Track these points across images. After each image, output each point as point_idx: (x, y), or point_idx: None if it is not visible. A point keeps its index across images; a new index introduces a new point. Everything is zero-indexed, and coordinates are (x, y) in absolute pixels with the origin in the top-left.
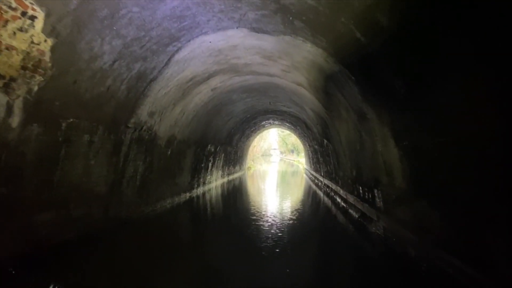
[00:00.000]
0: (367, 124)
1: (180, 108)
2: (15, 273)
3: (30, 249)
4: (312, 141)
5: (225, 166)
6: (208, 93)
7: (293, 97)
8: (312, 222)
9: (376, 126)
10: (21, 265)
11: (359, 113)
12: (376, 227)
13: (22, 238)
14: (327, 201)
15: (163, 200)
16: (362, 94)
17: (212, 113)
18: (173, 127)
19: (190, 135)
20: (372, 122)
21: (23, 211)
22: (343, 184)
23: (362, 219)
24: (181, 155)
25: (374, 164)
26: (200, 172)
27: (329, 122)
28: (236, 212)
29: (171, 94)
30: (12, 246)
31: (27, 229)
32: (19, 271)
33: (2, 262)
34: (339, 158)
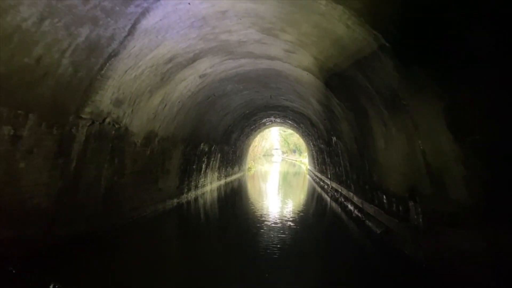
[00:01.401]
0: (401, 113)
1: (159, 98)
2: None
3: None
4: (318, 139)
5: (222, 167)
6: (196, 81)
7: (297, 87)
8: (321, 237)
9: (419, 115)
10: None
11: (390, 99)
12: (412, 252)
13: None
14: (336, 208)
15: (141, 209)
16: (401, 69)
17: (203, 106)
18: (152, 121)
19: (176, 132)
20: (411, 110)
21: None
22: (357, 190)
23: (386, 236)
24: (165, 155)
25: (408, 167)
26: (191, 174)
27: (341, 115)
28: (229, 222)
29: (145, 78)
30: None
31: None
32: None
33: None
34: (352, 159)
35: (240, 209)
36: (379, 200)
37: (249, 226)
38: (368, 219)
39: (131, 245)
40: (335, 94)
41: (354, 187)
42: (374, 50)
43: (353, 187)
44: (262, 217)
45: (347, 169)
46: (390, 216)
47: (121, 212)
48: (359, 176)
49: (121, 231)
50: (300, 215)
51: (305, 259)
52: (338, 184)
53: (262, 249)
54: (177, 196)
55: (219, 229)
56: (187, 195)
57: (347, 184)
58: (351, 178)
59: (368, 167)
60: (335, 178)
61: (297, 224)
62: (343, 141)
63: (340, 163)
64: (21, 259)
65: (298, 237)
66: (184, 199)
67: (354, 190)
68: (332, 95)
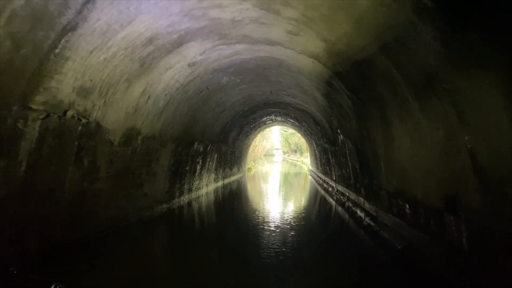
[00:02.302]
0: (439, 101)
1: (140, 89)
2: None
3: None
4: (321, 138)
5: (220, 168)
6: (185, 70)
7: (300, 80)
8: (329, 248)
9: (467, 102)
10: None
11: (424, 83)
12: (452, 278)
13: None
14: (343, 214)
15: (122, 218)
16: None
17: (196, 101)
18: (132, 116)
19: (164, 130)
20: (456, 96)
21: None
22: (370, 195)
23: (410, 254)
24: (152, 155)
25: (446, 170)
26: (184, 176)
27: (351, 110)
28: (224, 231)
29: (119, 63)
30: None
31: None
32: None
33: None
34: (363, 160)
35: (237, 216)
36: (400, 209)
37: (246, 235)
38: (384, 230)
39: (97, 263)
40: (345, 84)
41: (365, 191)
42: (408, 16)
43: (363, 192)
44: (261, 224)
45: (356, 171)
46: (415, 229)
47: (95, 223)
48: (372, 180)
49: (92, 245)
50: (304, 222)
51: (312, 279)
52: (344, 187)
53: (260, 263)
54: (167, 201)
55: (212, 238)
56: (179, 200)
57: (356, 188)
58: (361, 182)
59: (384, 170)
60: (341, 181)
61: (301, 233)
62: (352, 140)
63: (347, 165)
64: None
65: (303, 251)
66: (176, 204)
67: (365, 195)
68: (342, 85)
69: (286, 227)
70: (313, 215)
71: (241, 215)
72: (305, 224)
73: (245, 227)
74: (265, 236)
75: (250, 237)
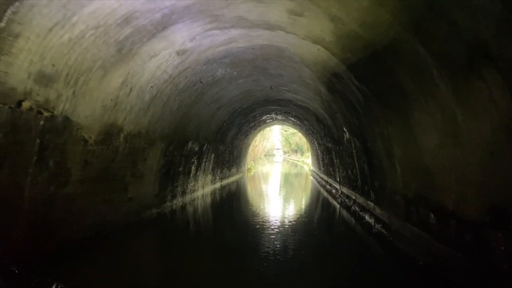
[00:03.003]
0: (486, 84)
1: (120, 79)
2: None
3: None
4: (324, 137)
5: (217, 168)
6: (173, 59)
7: (303, 72)
8: (337, 260)
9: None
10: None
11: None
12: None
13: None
14: (349, 219)
15: (101, 226)
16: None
17: (188, 96)
18: (111, 110)
19: (152, 127)
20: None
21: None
22: (381, 200)
23: (436, 271)
24: (138, 155)
25: (492, 175)
26: (177, 178)
27: (361, 104)
28: (220, 237)
29: (90, 45)
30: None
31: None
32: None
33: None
34: (373, 160)
35: (234, 221)
36: (421, 219)
37: (243, 243)
38: (399, 240)
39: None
40: (355, 73)
41: (375, 196)
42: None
43: (373, 196)
44: (260, 230)
45: (365, 172)
46: (443, 244)
47: (66, 233)
48: (384, 183)
49: (59, 260)
50: (307, 227)
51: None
52: (350, 190)
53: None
54: (157, 206)
55: (204, 247)
56: (171, 203)
57: (365, 191)
58: (370, 185)
59: (400, 172)
60: (347, 183)
61: (304, 240)
62: (360, 138)
63: (354, 165)
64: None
65: (307, 261)
66: (168, 208)
67: (375, 200)
68: (351, 75)
69: (288, 233)
70: (316, 220)
71: (238, 221)
72: (308, 229)
73: (242, 234)
74: (264, 244)
75: (248, 246)
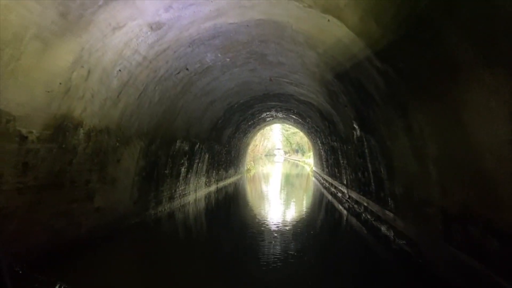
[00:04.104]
0: None
1: (70, 56)
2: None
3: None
4: (329, 136)
5: (212, 170)
6: (146, 35)
7: (308, 57)
8: None
9: None
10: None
11: None
12: None
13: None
14: (360, 229)
15: (56, 244)
16: None
17: (172, 85)
18: (61, 97)
19: (126, 121)
20: None
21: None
22: (405, 212)
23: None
24: (107, 156)
25: None
26: (162, 182)
27: (381, 93)
28: (211, 254)
29: (10, 3)
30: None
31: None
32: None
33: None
34: (393, 161)
35: (228, 232)
36: (474, 243)
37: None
38: (434, 265)
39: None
40: (378, 49)
41: (395, 204)
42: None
43: (392, 204)
44: (258, 245)
45: (380, 175)
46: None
47: None
48: (410, 191)
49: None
50: (313, 240)
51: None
52: (361, 195)
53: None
54: (138, 214)
55: (191, 265)
56: (155, 211)
57: (380, 197)
58: (389, 190)
59: (436, 177)
60: (356, 186)
61: (308, 257)
62: (377, 135)
63: (366, 167)
64: None
65: None
66: (151, 217)
67: (395, 210)
68: (371, 54)
69: (288, 247)
70: (322, 229)
71: (233, 230)
72: (314, 242)
73: (237, 247)
74: (262, 263)
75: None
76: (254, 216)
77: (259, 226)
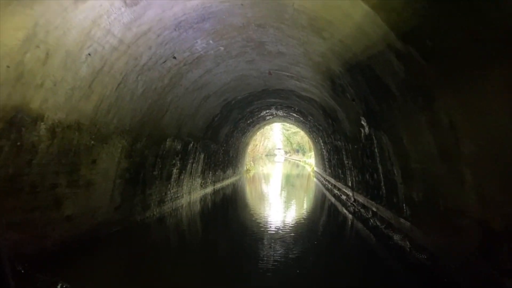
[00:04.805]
0: None
1: (20, 33)
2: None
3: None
4: (332, 134)
5: (208, 170)
6: (119, 12)
7: (311, 43)
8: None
9: None
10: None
11: None
12: None
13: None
14: (368, 236)
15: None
16: None
17: (158, 76)
18: (12, 84)
19: (102, 116)
20: None
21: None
22: (426, 222)
23: None
24: (78, 156)
25: None
26: (150, 184)
27: (400, 82)
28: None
29: None
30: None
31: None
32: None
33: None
34: (411, 162)
35: (222, 236)
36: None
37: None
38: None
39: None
40: (399, 31)
41: (413, 212)
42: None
43: (408, 212)
44: (256, 252)
45: (394, 179)
46: None
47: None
48: (433, 198)
49: None
50: (318, 249)
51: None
52: (369, 199)
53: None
54: (120, 221)
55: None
56: (142, 217)
57: (393, 203)
58: (404, 196)
59: (475, 183)
60: (363, 189)
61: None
62: (392, 132)
63: (375, 168)
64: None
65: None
66: (137, 223)
67: (412, 218)
68: (391, 32)
69: (289, 257)
70: (326, 234)
71: (228, 238)
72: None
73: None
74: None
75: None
76: (252, 220)
77: (257, 232)
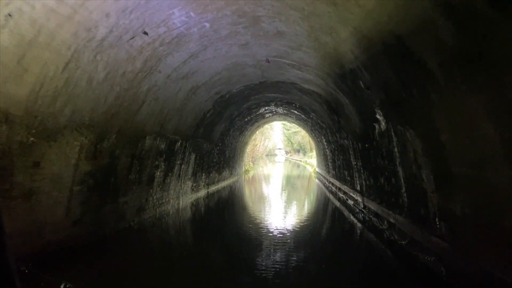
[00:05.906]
0: None
1: None
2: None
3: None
4: (337, 132)
5: (201, 172)
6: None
7: (318, 15)
8: None
9: None
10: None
11: None
12: None
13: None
14: (383, 253)
15: None
16: None
17: (126, 57)
18: None
19: (45, 105)
20: None
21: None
22: (471, 243)
23: None
24: (9, 157)
25: None
26: (126, 190)
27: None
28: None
29: None
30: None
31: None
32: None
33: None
34: (450, 166)
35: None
36: None
37: None
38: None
39: None
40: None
41: (454, 230)
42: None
43: (444, 229)
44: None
45: (424, 185)
46: None
47: None
48: (492, 213)
49: None
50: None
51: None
52: (384, 207)
53: None
54: (81, 237)
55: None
56: (113, 230)
57: (419, 215)
58: (437, 208)
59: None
60: (376, 195)
61: None
62: (422, 127)
63: (394, 171)
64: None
65: None
66: (105, 237)
67: (451, 238)
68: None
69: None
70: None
71: (216, 252)
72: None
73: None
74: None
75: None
76: (248, 229)
77: (254, 244)
